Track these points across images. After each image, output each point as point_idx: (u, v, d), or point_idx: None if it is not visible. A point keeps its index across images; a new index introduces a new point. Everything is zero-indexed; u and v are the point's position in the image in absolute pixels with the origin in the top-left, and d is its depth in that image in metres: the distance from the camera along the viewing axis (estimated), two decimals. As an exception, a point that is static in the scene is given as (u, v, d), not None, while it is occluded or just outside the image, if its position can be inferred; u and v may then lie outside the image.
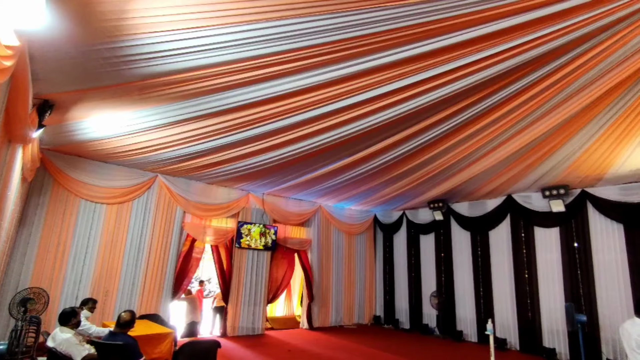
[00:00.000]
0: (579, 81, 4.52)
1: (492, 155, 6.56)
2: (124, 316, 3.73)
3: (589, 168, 6.60)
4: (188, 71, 4.12)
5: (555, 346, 7.38)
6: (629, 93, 4.68)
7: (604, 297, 6.95)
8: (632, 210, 6.79)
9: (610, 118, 5.22)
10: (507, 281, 8.33)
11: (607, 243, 7.10)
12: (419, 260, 10.32)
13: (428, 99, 4.88)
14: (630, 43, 3.89)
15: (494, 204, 8.77)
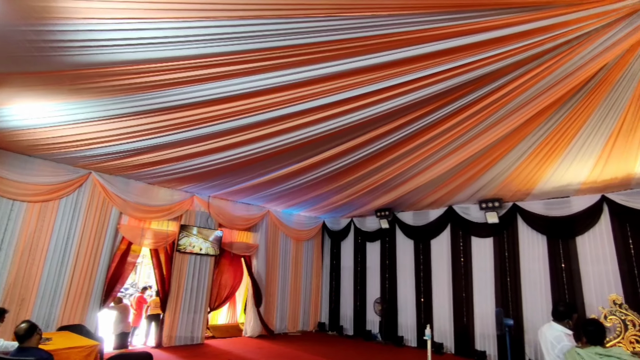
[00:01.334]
0: (513, 103, 4.87)
1: (436, 167, 6.86)
2: (22, 327, 3.36)
3: (520, 183, 7.16)
4: (129, 64, 3.84)
5: (486, 349, 7.85)
6: (554, 117, 5.15)
7: (529, 302, 7.52)
8: (554, 223, 7.47)
9: (539, 139, 5.70)
10: (445, 288, 8.75)
11: (533, 252, 7.72)
12: (365, 267, 10.52)
13: (377, 111, 4.98)
14: (556, 72, 4.26)
15: (436, 214, 9.20)
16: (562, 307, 3.86)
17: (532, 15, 3.49)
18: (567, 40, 3.82)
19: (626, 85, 4.44)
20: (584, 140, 5.56)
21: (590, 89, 4.56)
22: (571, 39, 3.80)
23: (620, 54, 4.05)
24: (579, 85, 4.52)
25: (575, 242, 7.28)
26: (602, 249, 6.95)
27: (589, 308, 6.76)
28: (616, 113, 4.90)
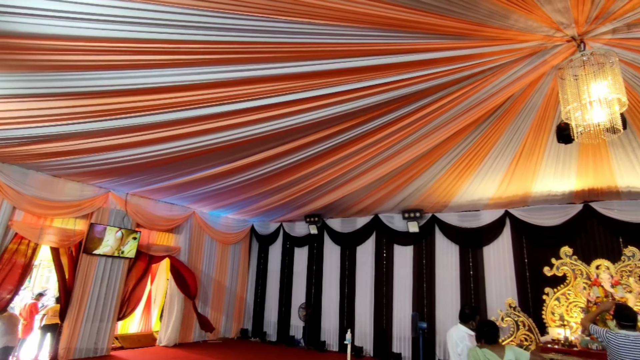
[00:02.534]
0: (435, 122, 5.23)
1: (365, 176, 7.11)
2: None
3: (439, 196, 7.74)
4: (37, 38, 3.37)
5: (402, 351, 8.30)
6: (469, 138, 5.65)
7: (441, 306, 8.13)
8: (466, 234, 8.20)
9: (456, 156, 6.21)
10: (368, 293, 9.08)
11: (447, 260, 8.39)
12: (292, 272, 10.50)
13: (310, 118, 5.00)
14: (472, 97, 4.68)
15: (363, 222, 9.54)
16: (468, 310, 4.22)
17: (455, 44, 3.79)
18: (482, 70, 4.22)
19: (527, 115, 5.04)
20: (493, 160, 6.19)
21: (499, 115, 5.09)
22: (485, 69, 4.21)
23: (523, 88, 4.58)
24: (490, 111, 5.02)
25: (482, 251, 8.06)
26: (503, 257, 7.80)
27: (490, 311, 7.50)
28: (519, 138, 5.54)
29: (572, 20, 3.55)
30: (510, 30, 3.65)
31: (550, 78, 4.40)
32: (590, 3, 3.33)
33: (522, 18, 3.50)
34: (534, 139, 5.51)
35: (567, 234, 7.16)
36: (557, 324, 6.39)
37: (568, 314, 6.42)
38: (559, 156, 5.83)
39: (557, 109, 4.73)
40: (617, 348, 3.35)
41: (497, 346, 3.22)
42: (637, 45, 3.79)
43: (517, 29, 3.65)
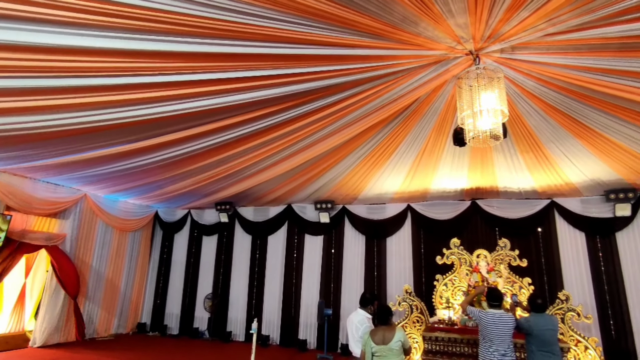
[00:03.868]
0: (349, 117, 5.36)
1: (279, 166, 7.04)
2: None
3: (349, 189, 8.05)
4: None
5: (307, 337, 8.54)
6: (379, 134, 5.94)
7: (346, 293, 8.54)
8: (372, 225, 8.71)
9: (366, 151, 6.49)
10: (277, 283, 9.11)
11: (354, 250, 8.82)
12: (199, 262, 10.02)
13: (223, 101, 4.71)
14: (383, 96, 4.90)
15: (276, 211, 9.50)
16: (369, 295, 4.49)
17: (371, 43, 3.90)
18: (393, 72, 4.44)
19: (430, 117, 5.48)
20: (399, 157, 6.63)
21: (406, 116, 5.44)
22: (396, 71, 4.43)
23: (428, 92, 4.95)
24: (398, 111, 5.33)
25: (385, 242, 8.65)
26: (404, 248, 8.48)
27: (390, 297, 8.11)
28: (422, 138, 6.01)
29: (470, 36, 3.91)
30: (419, 36, 3.88)
31: (451, 86, 4.83)
32: (484, 23, 3.69)
33: (430, 27, 3.74)
34: (434, 140, 6.03)
35: (457, 227, 8.07)
36: (444, 307, 7.17)
37: (453, 297, 7.25)
38: (454, 157, 6.48)
39: (455, 115, 5.22)
40: (486, 324, 3.88)
41: (389, 327, 3.47)
42: (518, 66, 4.35)
43: (426, 37, 3.89)
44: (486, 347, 3.87)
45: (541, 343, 3.90)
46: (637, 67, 3.92)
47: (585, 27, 3.54)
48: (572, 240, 7.46)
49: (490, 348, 3.85)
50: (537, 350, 3.90)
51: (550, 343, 3.88)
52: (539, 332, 3.92)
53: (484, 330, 3.89)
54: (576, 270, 7.28)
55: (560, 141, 5.70)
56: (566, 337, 6.25)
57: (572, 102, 4.78)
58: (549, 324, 3.97)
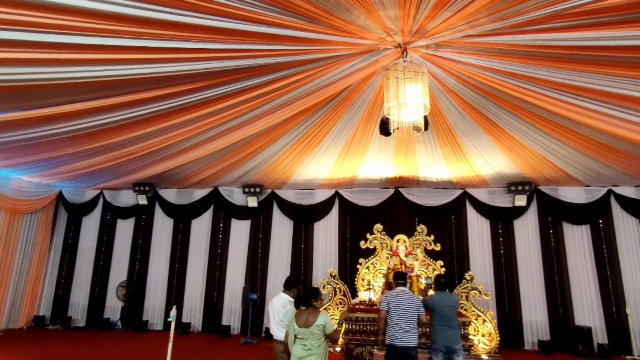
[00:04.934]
0: (279, 100, 5.22)
1: (205, 146, 6.65)
2: None
3: (279, 173, 7.96)
4: None
5: (231, 323, 8.39)
6: (310, 120, 5.92)
7: (272, 278, 8.53)
8: (301, 211, 8.77)
9: (297, 136, 6.44)
10: (201, 268, 8.77)
11: (282, 235, 8.82)
12: (112, 247, 9.19)
13: (144, 71, 4.26)
14: (315, 81, 4.85)
15: (201, 194, 9.06)
16: (293, 278, 4.51)
17: (303, 25, 3.79)
18: (325, 57, 4.40)
19: (360, 107, 5.59)
20: (329, 143, 6.70)
21: (337, 103, 5.48)
22: (328, 57, 4.40)
23: (359, 81, 5.03)
24: (329, 98, 5.34)
25: (313, 227, 8.78)
26: (330, 233, 8.70)
27: (315, 280, 8.29)
28: (351, 127, 6.12)
29: (399, 29, 4.01)
30: (352, 24, 3.87)
31: (380, 76, 4.95)
32: (412, 18, 3.81)
33: (363, 16, 3.75)
34: (363, 129, 6.19)
35: (381, 213, 8.48)
36: (365, 288, 7.53)
37: (374, 279, 7.65)
38: (381, 146, 6.74)
39: (383, 105, 5.39)
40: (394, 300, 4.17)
41: (314, 311, 3.52)
42: (441, 63, 4.60)
43: (358, 25, 3.90)
44: (392, 324, 4.13)
45: (441, 318, 4.29)
46: (539, 74, 4.38)
47: (498, 32, 3.84)
48: (479, 227, 8.30)
49: (395, 325, 4.08)
50: (437, 325, 4.29)
51: (449, 318, 4.27)
52: (440, 309, 4.31)
53: (391, 310, 4.15)
54: (481, 253, 8.14)
55: (473, 136, 6.22)
56: (469, 312, 6.99)
57: (485, 101, 5.22)
58: (450, 301, 4.37)
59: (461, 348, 4.16)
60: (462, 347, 4.16)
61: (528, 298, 7.73)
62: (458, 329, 4.25)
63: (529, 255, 7.95)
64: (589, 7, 3.23)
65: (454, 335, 4.19)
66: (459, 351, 4.13)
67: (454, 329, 4.21)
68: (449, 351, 4.15)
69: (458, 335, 4.21)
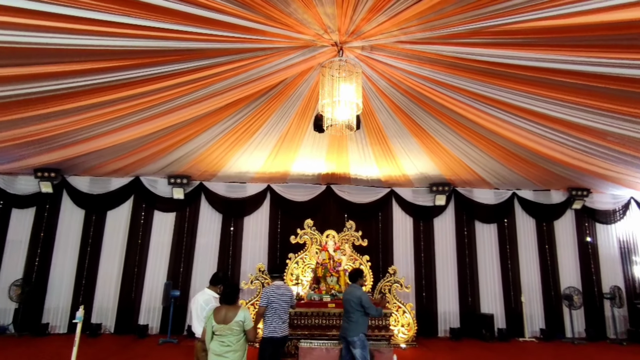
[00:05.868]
0: (211, 88, 4.95)
1: (127, 131, 6.04)
2: None
3: (208, 165, 7.59)
4: None
5: (149, 322, 7.84)
6: (244, 111, 5.71)
7: (199, 273, 8.15)
8: (231, 204, 8.49)
9: (229, 127, 6.17)
10: (116, 263, 8.05)
11: (209, 228, 8.48)
12: (4, 241, 7.93)
13: (47, 41, 3.71)
14: (251, 71, 4.68)
15: (120, 183, 8.28)
16: (221, 274, 4.36)
17: (238, 11, 3.61)
18: (261, 48, 4.26)
19: (295, 101, 5.54)
20: (262, 137, 6.54)
21: (272, 96, 5.36)
22: (264, 47, 4.27)
23: (295, 75, 4.97)
24: (264, 90, 5.20)
25: (243, 221, 8.55)
26: (261, 227, 8.56)
27: (243, 275, 8.08)
28: (286, 121, 6.05)
29: (336, 27, 4.03)
30: (290, 17, 3.79)
31: (316, 73, 4.94)
32: (350, 18, 3.85)
33: (301, 10, 3.69)
34: (297, 124, 6.15)
35: (312, 209, 8.55)
36: (294, 283, 7.56)
37: (302, 274, 7.71)
38: (315, 143, 6.77)
39: (317, 101, 5.40)
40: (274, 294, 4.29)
41: (233, 307, 3.41)
42: (374, 65, 4.73)
43: (296, 19, 3.83)
44: (274, 316, 4.24)
45: (344, 311, 4.50)
46: (461, 84, 4.73)
47: (427, 41, 4.06)
48: (403, 224, 8.80)
49: (277, 317, 4.22)
50: (343, 317, 4.55)
51: (347, 311, 4.41)
52: (344, 302, 4.52)
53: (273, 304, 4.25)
54: (404, 248, 8.64)
55: (402, 138, 6.54)
56: (391, 304, 7.39)
57: (413, 106, 5.50)
58: (350, 295, 4.44)
59: (357, 341, 4.25)
60: (358, 340, 4.24)
61: (443, 290, 8.41)
62: (357, 322, 4.30)
63: (446, 251, 8.64)
64: (504, 28, 3.55)
65: (349, 327, 4.34)
66: (353, 343, 4.26)
67: (350, 322, 4.34)
68: (346, 341, 4.39)
69: (354, 328, 4.29)
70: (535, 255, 8.67)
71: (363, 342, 4.28)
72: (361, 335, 4.30)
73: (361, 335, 4.30)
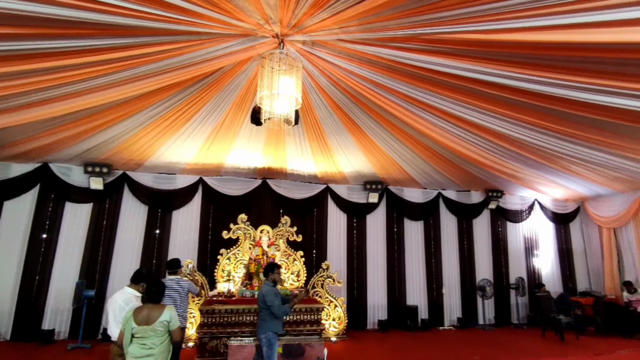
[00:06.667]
0: (140, 69, 4.53)
1: (33, 110, 5.28)
2: None
3: (134, 153, 6.97)
4: None
5: (56, 326, 7.02)
6: (176, 97, 5.32)
7: (118, 270, 7.47)
8: (159, 196, 7.93)
9: (159, 113, 5.71)
10: (14, 262, 7.01)
11: (133, 222, 7.81)
12: None
13: None
14: (186, 55, 4.35)
15: (22, 170, 7.22)
16: (145, 270, 3.99)
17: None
18: (197, 32, 3.97)
19: (232, 91, 5.30)
20: (195, 125, 6.17)
21: (208, 83, 5.07)
22: (201, 32, 3.99)
23: (233, 64, 4.74)
24: (200, 77, 4.89)
25: (172, 214, 8.04)
26: (191, 222, 8.12)
27: (170, 272, 7.58)
28: (222, 111, 5.77)
29: (278, 18, 3.91)
30: (229, 2, 3.59)
31: (255, 63, 4.77)
32: (292, 11, 3.76)
33: (241, -5, 3.52)
34: (234, 115, 5.91)
35: (247, 204, 8.33)
36: (225, 279, 7.31)
37: (235, 270, 7.48)
38: (251, 135, 6.57)
39: (256, 93, 5.23)
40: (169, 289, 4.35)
41: (157, 306, 3.18)
42: (315, 61, 4.70)
43: (235, 5, 3.64)
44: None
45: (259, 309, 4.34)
46: (397, 87, 4.90)
47: (367, 42, 4.13)
48: (337, 220, 8.97)
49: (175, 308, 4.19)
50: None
51: (260, 308, 4.26)
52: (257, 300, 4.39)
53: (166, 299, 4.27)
54: (337, 244, 8.82)
55: (339, 135, 6.63)
56: (323, 299, 7.50)
57: (351, 104, 5.59)
58: (260, 292, 4.31)
59: (263, 339, 4.17)
60: (265, 338, 4.15)
61: (373, 284, 8.76)
62: (265, 320, 4.20)
63: (376, 246, 9.01)
64: (437, 36, 3.74)
65: (259, 325, 4.27)
66: (260, 341, 4.21)
67: (260, 320, 4.27)
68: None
69: (261, 326, 4.21)
70: (456, 251, 9.42)
71: (269, 340, 4.15)
72: (269, 334, 4.16)
73: (269, 333, 4.16)
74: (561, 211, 10.16)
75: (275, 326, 4.23)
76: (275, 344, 4.25)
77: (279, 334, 4.33)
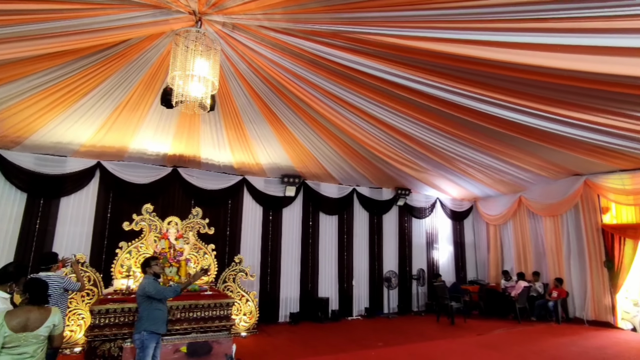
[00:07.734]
0: (24, 27, 3.78)
1: None
2: None
3: (10, 129, 5.85)
4: None
5: None
6: (69, 67, 4.57)
7: None
8: (42, 181, 6.80)
9: (46, 83, 4.86)
10: None
11: (6, 211, 6.59)
12: None
13: None
14: (84, 19, 3.76)
15: None
16: (12, 268, 3.35)
17: None
18: (97, -8, 3.47)
19: (140, 67, 4.76)
20: (93, 102, 5.42)
21: (110, 55, 4.47)
22: (103, -6, 3.49)
23: (141, 38, 4.26)
24: (99, 47, 4.28)
25: (59, 202, 6.99)
26: (84, 210, 7.17)
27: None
28: (127, 88, 5.15)
29: (197, -7, 3.62)
30: (139, -36, 3.19)
31: (168, 40, 4.36)
32: (213, -14, 3.51)
33: (153, -41, 3.14)
34: (141, 94, 5.33)
35: (153, 193, 7.63)
36: (124, 275, 6.61)
37: (136, 265, 6.81)
38: (161, 118, 6.02)
39: (168, 73, 4.78)
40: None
41: (40, 309, 2.72)
42: (235, 45, 4.47)
43: (146, -31, 3.25)
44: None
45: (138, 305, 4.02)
46: (319, 82, 4.92)
47: (290, 33, 4.05)
48: (253, 213, 8.76)
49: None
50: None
51: (139, 304, 3.93)
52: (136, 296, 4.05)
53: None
54: (252, 237, 8.62)
55: (258, 125, 6.44)
56: (234, 293, 7.26)
57: (272, 94, 5.46)
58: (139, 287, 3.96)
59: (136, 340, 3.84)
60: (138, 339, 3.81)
61: (286, 277, 8.77)
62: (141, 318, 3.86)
63: (292, 240, 9.03)
64: (358, 36, 3.83)
65: (135, 325, 3.95)
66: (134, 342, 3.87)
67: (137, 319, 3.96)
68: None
69: (137, 325, 3.89)
70: (367, 244, 9.94)
71: (142, 342, 3.75)
72: (143, 334, 3.76)
73: (143, 333, 3.76)
74: (458, 209, 11.40)
75: (152, 324, 3.80)
76: (150, 346, 3.80)
77: (161, 333, 3.92)
